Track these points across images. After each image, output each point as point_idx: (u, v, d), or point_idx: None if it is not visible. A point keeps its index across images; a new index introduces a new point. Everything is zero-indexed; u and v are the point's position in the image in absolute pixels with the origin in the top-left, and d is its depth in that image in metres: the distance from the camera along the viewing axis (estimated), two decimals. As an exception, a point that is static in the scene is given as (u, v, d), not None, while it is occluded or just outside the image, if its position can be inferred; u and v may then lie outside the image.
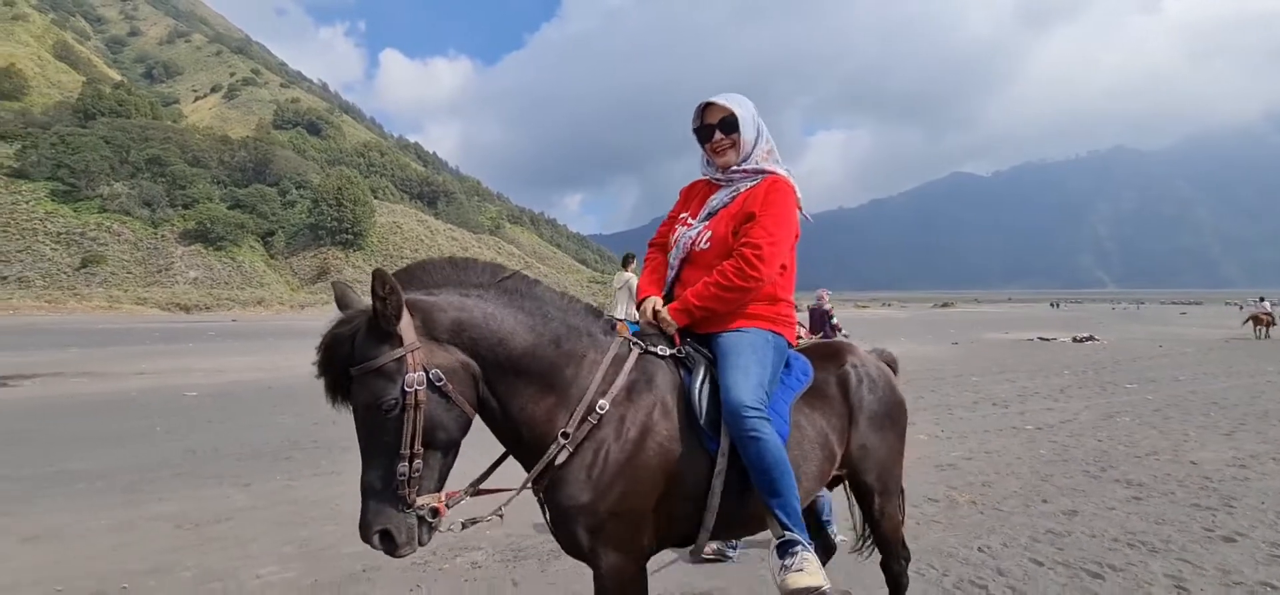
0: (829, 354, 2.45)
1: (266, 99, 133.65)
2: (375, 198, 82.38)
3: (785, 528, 1.94)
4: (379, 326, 1.57)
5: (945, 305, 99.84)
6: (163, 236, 63.73)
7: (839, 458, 2.29)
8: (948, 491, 5.17)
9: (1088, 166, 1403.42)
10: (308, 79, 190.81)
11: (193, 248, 63.69)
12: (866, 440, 2.32)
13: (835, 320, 9.19)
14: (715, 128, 2.22)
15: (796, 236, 2.26)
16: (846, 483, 2.47)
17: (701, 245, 2.18)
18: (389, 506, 1.55)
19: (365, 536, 1.56)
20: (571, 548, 1.87)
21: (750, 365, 2.00)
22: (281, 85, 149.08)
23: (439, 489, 1.65)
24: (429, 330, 1.64)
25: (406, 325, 1.58)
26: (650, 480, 1.86)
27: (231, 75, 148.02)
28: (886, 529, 2.45)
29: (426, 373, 1.58)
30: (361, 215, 72.99)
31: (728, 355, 2.04)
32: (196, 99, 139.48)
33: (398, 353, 1.56)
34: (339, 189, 72.36)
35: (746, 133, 2.21)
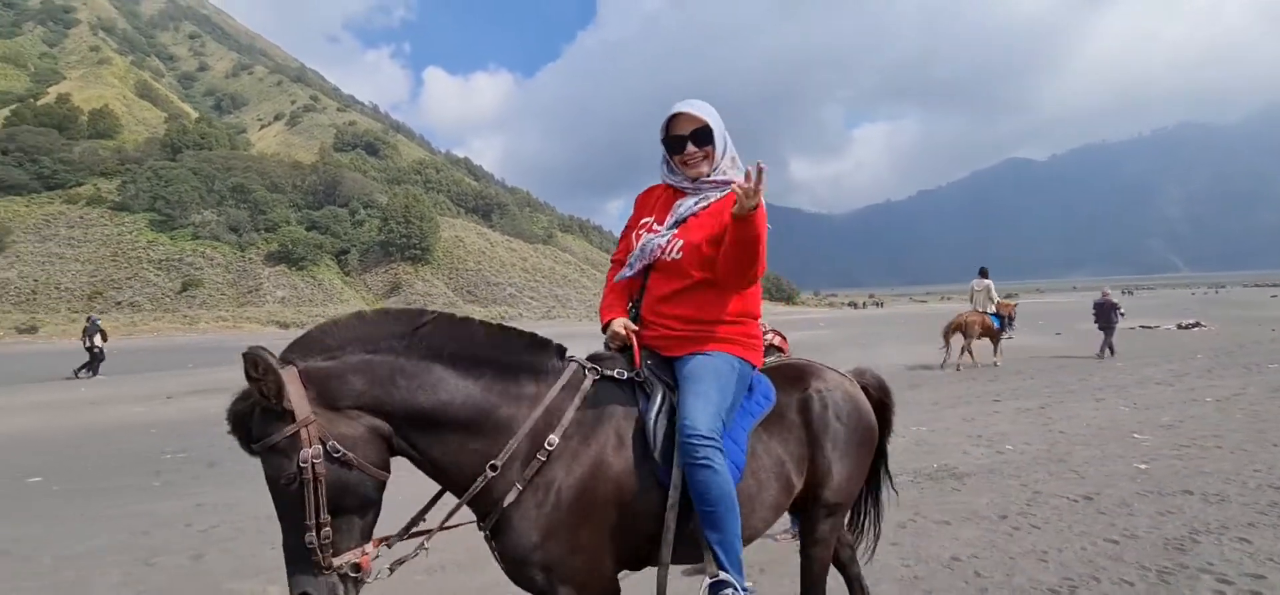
0: (793, 376, 2.33)
1: (326, 124, 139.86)
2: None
3: (721, 567, 1.88)
4: (263, 405, 1.56)
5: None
6: (250, 259, 67.80)
7: (797, 489, 2.20)
8: (1193, 439, 6.36)
9: (1153, 145, 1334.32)
10: (360, 102, 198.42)
11: (278, 268, 67.54)
12: (828, 467, 2.23)
13: (1122, 311, 10.09)
14: (687, 139, 2.11)
15: None
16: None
17: (672, 254, 2.08)
18: (307, 573, 1.55)
19: None
20: (529, 589, 1.83)
21: (710, 391, 1.96)
22: (338, 109, 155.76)
23: (363, 542, 1.63)
24: (326, 399, 1.60)
25: (298, 398, 1.54)
26: (603, 517, 1.83)
27: (292, 103, 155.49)
28: (818, 556, 2.32)
29: (323, 445, 1.55)
30: (428, 230, 75.94)
31: (688, 381, 2.00)
32: (262, 127, 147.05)
33: (289, 429, 1.53)
34: (406, 206, 75.51)
35: (717, 143, 2.13)
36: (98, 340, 18.41)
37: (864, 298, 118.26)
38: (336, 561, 1.56)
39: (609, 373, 2.01)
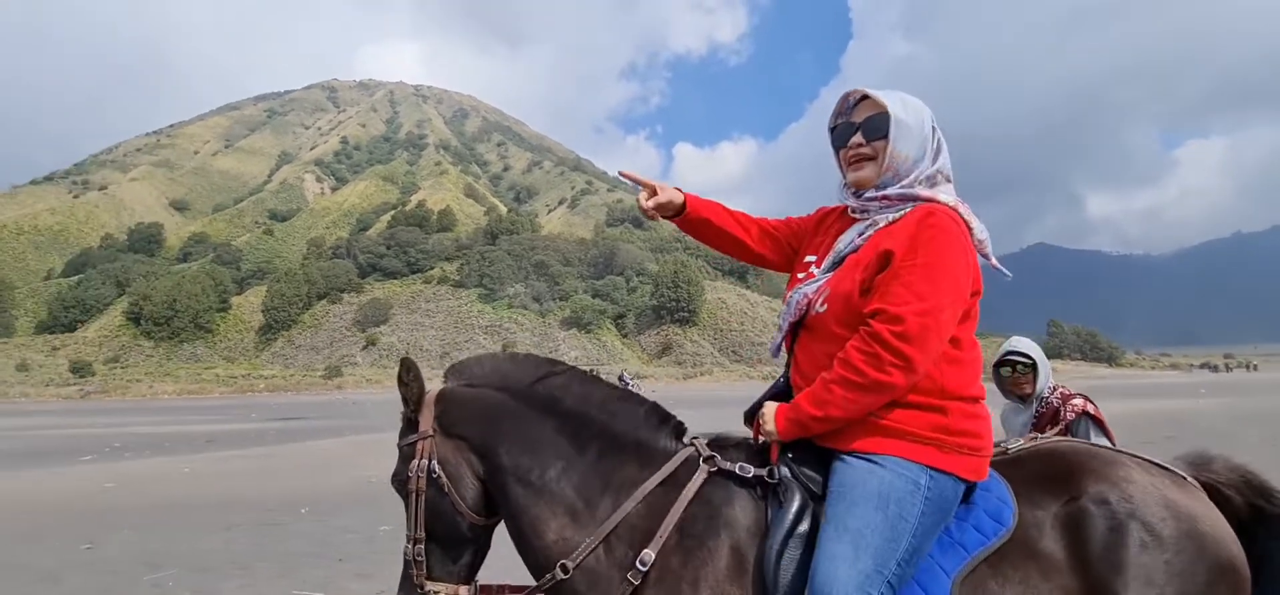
0: (1052, 474, 1.47)
1: (599, 203, 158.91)
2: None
3: None
4: (406, 412, 1.61)
5: None
6: (549, 325, 78.84)
7: None
8: None
9: None
10: (624, 182, 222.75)
11: (570, 332, 77.33)
12: None
13: None
14: (857, 128, 1.52)
15: (972, 297, 1.43)
16: None
17: (819, 307, 1.49)
18: (406, 584, 1.57)
19: None
20: None
21: (863, 529, 1.32)
22: (608, 190, 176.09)
23: (456, 581, 1.56)
24: (445, 423, 1.59)
25: (427, 413, 1.58)
26: None
27: (572, 188, 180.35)
28: None
29: (430, 463, 1.56)
30: (694, 294, 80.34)
31: (835, 504, 1.37)
32: (550, 211, 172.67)
33: (411, 437, 1.59)
34: (674, 272, 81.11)
35: (901, 143, 1.47)
36: None
37: (1219, 358, 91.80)
38: (428, 585, 1.55)
39: (727, 466, 1.47)
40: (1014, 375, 2.89)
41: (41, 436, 19.80)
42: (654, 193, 1.72)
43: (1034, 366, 2.85)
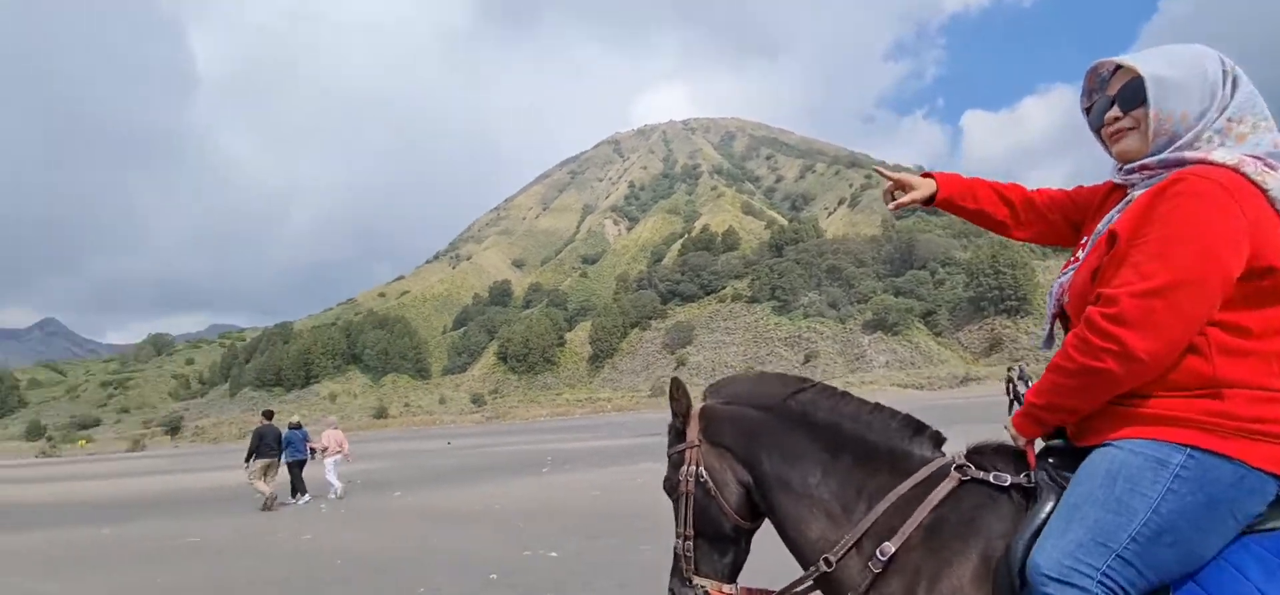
0: None
1: (879, 194, 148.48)
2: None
3: None
4: (675, 423, 1.84)
5: None
6: (850, 331, 75.82)
7: None
8: None
9: None
10: (907, 167, 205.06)
11: (875, 336, 73.20)
12: None
13: None
14: (1113, 101, 1.38)
15: (1263, 274, 1.21)
16: None
17: (1066, 298, 1.37)
18: (677, 576, 1.77)
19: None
20: None
21: (1080, 505, 1.24)
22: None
23: (720, 578, 1.74)
24: (709, 435, 1.78)
25: (693, 426, 1.78)
26: None
27: (850, 186, 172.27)
28: None
29: (697, 470, 1.74)
30: (1021, 278, 69.42)
31: (1072, 489, 1.30)
32: (829, 214, 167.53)
33: (680, 446, 1.79)
34: (992, 257, 71.16)
35: (1169, 102, 1.30)
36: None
37: None
38: (696, 579, 1.72)
39: (978, 475, 1.42)
40: None
41: (498, 453, 25.53)
42: (901, 188, 1.77)
43: None
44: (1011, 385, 1.50)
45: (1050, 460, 1.39)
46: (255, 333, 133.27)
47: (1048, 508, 1.31)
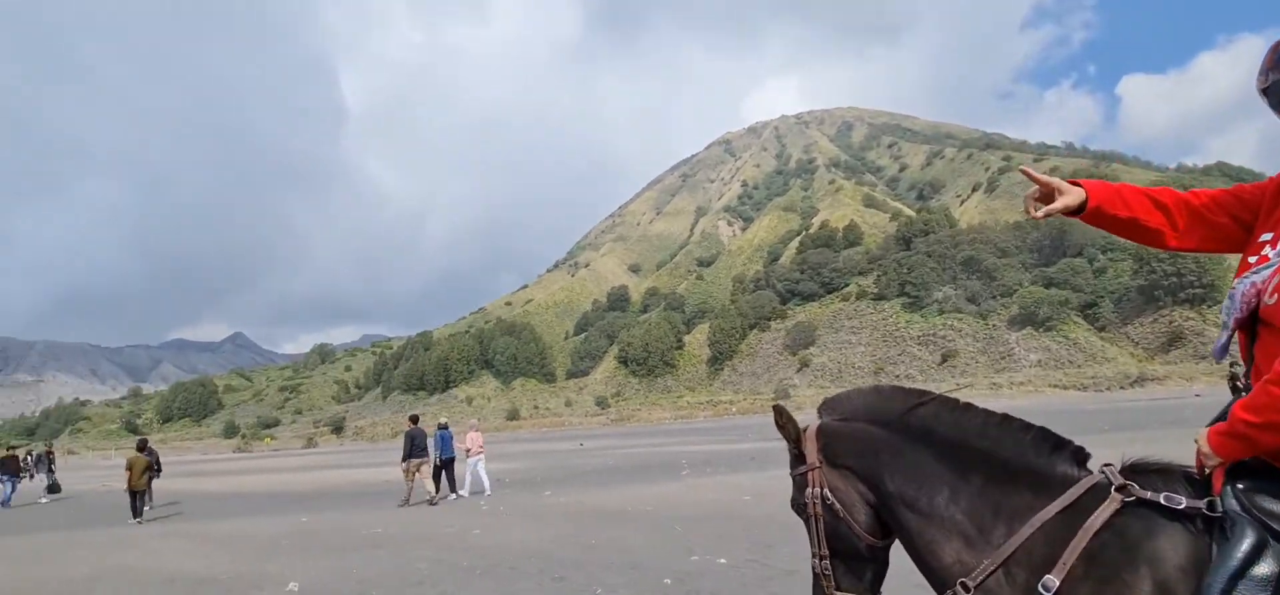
0: None
1: (1022, 179, 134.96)
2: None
3: None
4: (789, 446, 1.83)
5: None
6: (994, 326, 69.53)
7: None
8: None
9: None
10: (1053, 145, 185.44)
11: (1023, 332, 66.59)
12: None
13: None
14: None
15: None
16: None
17: (1269, 298, 1.22)
18: (820, 593, 1.75)
19: None
20: None
21: None
22: (1034, 160, 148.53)
23: (864, 592, 1.71)
24: (828, 455, 1.75)
25: (811, 447, 1.75)
26: None
27: (985, 170, 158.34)
28: None
29: (823, 492, 1.72)
30: (1205, 263, 60.11)
31: None
32: (962, 202, 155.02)
33: (800, 469, 1.78)
34: (1168, 239, 62.33)
35: None
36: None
37: None
38: None
39: (1148, 496, 1.27)
40: None
41: (632, 454, 25.98)
42: (1048, 197, 1.57)
43: None
44: (1238, 389, 1.31)
45: (1239, 485, 1.21)
46: (400, 341, 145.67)
47: (1246, 543, 1.14)
